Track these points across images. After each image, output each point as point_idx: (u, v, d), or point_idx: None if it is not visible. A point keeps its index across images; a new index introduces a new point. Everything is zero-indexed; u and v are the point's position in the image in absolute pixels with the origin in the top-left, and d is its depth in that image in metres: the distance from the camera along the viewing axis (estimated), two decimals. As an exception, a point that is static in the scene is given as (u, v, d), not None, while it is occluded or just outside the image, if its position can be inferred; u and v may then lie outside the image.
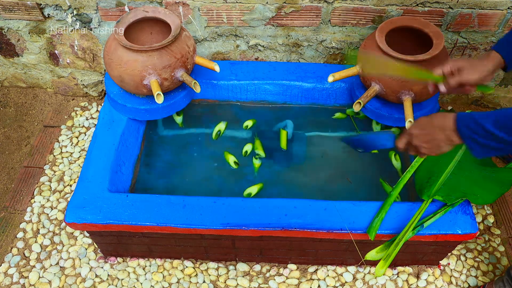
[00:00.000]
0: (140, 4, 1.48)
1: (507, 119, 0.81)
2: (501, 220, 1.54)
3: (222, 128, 1.53)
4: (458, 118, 0.89)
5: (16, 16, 1.56)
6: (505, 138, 0.82)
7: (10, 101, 1.89)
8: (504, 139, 0.82)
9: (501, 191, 1.21)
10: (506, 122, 0.81)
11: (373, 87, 1.33)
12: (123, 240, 1.31)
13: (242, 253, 1.38)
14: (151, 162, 1.47)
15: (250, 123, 1.55)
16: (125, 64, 1.27)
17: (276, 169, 1.45)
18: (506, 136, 0.81)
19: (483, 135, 0.84)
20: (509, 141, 0.82)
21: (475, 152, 0.88)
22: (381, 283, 1.39)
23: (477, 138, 0.85)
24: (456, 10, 1.43)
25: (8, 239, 1.48)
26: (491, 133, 0.83)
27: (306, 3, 1.45)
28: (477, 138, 0.85)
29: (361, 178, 1.43)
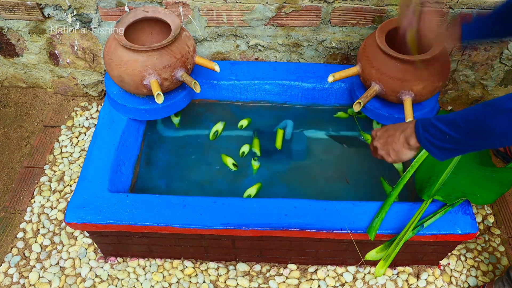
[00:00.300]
0: (140, 4, 1.48)
1: (459, 118, 0.82)
2: (501, 220, 1.54)
3: (220, 128, 1.53)
4: (418, 120, 0.90)
5: (16, 16, 1.56)
6: (453, 135, 0.82)
7: (10, 101, 1.89)
8: (454, 137, 0.82)
9: (501, 191, 1.21)
10: (457, 121, 0.82)
11: (373, 87, 1.33)
12: (123, 240, 1.31)
13: (242, 253, 1.38)
14: (151, 162, 1.47)
15: (245, 123, 1.55)
16: (125, 64, 1.27)
17: (276, 169, 1.45)
18: (454, 134, 0.82)
19: (435, 134, 0.85)
20: (458, 139, 0.82)
21: (433, 154, 0.88)
22: (381, 283, 1.39)
23: (430, 138, 0.86)
24: (456, 10, 1.43)
25: (8, 239, 1.48)
26: (442, 132, 0.84)
27: (306, 3, 1.45)
28: (430, 138, 0.86)
29: (361, 178, 1.43)
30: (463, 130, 0.81)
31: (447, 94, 1.78)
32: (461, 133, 0.82)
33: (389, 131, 0.97)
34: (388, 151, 0.96)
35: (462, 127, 0.81)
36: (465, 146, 0.83)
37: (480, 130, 0.80)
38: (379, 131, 1.00)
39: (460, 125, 0.81)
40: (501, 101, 0.77)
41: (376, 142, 0.99)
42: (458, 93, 1.78)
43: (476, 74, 1.68)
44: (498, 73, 1.66)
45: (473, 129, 0.80)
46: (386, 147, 0.97)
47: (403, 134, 0.92)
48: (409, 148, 0.93)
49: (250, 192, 1.37)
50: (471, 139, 0.82)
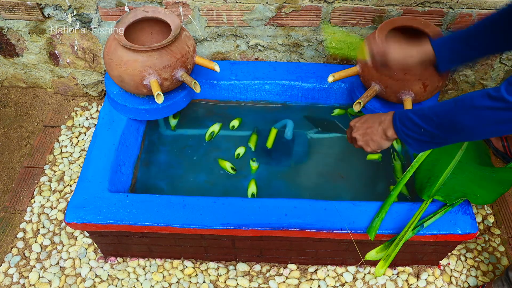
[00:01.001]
0: (140, 4, 1.48)
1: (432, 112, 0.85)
2: (501, 220, 1.54)
3: (216, 129, 1.53)
4: (395, 112, 0.93)
5: (16, 16, 1.56)
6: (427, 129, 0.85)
7: (10, 101, 1.89)
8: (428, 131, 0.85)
9: (501, 191, 1.21)
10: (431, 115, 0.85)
11: (373, 87, 1.33)
12: (123, 240, 1.31)
13: (242, 253, 1.38)
14: (151, 162, 1.47)
15: (237, 123, 1.55)
16: (125, 64, 1.27)
17: (276, 169, 1.45)
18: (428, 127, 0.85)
19: (410, 127, 0.88)
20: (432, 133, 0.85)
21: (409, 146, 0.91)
22: (381, 283, 1.39)
23: (406, 130, 0.89)
24: (456, 10, 1.44)
25: (8, 239, 1.48)
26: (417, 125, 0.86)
27: (306, 3, 1.45)
28: (406, 131, 0.89)
29: (361, 178, 1.43)
30: (436, 124, 0.84)
31: (447, 94, 1.78)
32: (434, 127, 0.84)
33: (368, 122, 0.99)
34: (367, 141, 0.99)
35: (435, 121, 0.84)
36: (439, 139, 0.86)
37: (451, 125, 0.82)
38: (357, 122, 1.02)
39: (433, 119, 0.84)
40: (470, 97, 0.79)
41: (355, 133, 1.01)
42: (458, 93, 1.78)
43: (476, 74, 1.68)
44: (498, 73, 1.66)
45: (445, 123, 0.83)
46: (365, 138, 0.99)
47: (381, 126, 0.95)
48: (387, 139, 0.96)
49: (252, 190, 1.37)
50: (444, 133, 0.84)
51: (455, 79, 1.71)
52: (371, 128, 0.98)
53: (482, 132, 0.81)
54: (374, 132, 0.97)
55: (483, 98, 0.77)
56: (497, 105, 0.75)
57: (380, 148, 1.00)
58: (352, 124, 1.03)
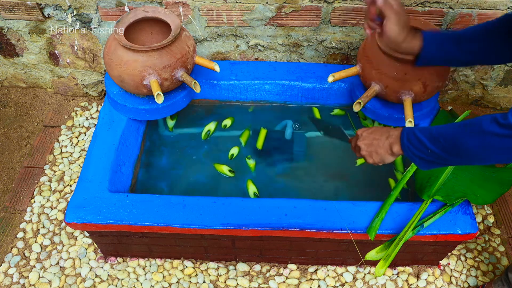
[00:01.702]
0: (140, 4, 1.48)
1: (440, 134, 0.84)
2: (501, 220, 1.54)
3: (212, 128, 1.53)
4: (403, 129, 0.92)
5: (16, 16, 1.56)
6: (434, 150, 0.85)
7: (10, 101, 1.89)
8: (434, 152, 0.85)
9: (501, 191, 1.21)
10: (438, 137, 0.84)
11: (373, 87, 1.33)
12: (123, 240, 1.31)
13: (242, 253, 1.38)
14: (151, 162, 1.47)
15: (229, 122, 1.54)
16: (125, 64, 1.27)
17: (276, 169, 1.45)
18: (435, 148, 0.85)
19: (417, 146, 0.88)
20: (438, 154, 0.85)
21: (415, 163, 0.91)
22: (381, 283, 1.38)
23: (413, 149, 0.89)
24: (456, 10, 1.44)
25: (8, 239, 1.48)
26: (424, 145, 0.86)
27: (306, 3, 1.45)
28: (412, 149, 0.89)
29: (361, 178, 1.43)
30: (443, 147, 0.84)
31: (447, 94, 1.78)
32: (441, 149, 0.84)
33: (375, 134, 0.99)
34: (371, 153, 0.98)
35: (442, 143, 0.84)
36: (445, 161, 0.86)
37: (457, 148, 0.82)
38: (364, 131, 1.01)
39: (440, 141, 0.84)
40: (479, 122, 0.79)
41: (360, 142, 1.01)
42: (458, 93, 1.78)
43: (476, 74, 1.68)
44: (498, 73, 1.66)
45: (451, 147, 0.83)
46: (369, 149, 0.99)
47: (388, 141, 0.95)
48: (391, 154, 0.95)
49: (253, 190, 1.37)
50: (450, 156, 0.84)
51: (455, 79, 1.71)
52: (377, 140, 0.97)
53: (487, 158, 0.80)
54: (380, 145, 0.96)
55: (491, 124, 0.76)
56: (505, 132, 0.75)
57: (382, 161, 0.98)
58: (359, 133, 1.02)
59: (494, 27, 0.96)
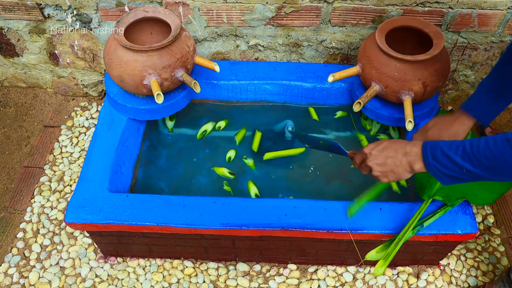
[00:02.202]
0: (140, 4, 1.48)
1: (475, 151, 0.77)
2: (501, 220, 1.54)
3: (209, 128, 1.53)
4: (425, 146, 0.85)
5: (16, 16, 1.56)
6: (471, 170, 0.78)
7: (10, 101, 1.89)
8: (471, 172, 0.78)
9: (501, 191, 1.21)
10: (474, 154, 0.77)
11: (373, 87, 1.33)
12: (123, 240, 1.31)
13: (242, 253, 1.38)
14: (151, 162, 1.47)
15: (223, 124, 1.54)
16: (125, 64, 1.27)
17: (276, 169, 1.44)
18: (472, 168, 0.78)
19: (447, 166, 0.80)
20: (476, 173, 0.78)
21: (442, 181, 0.84)
22: (381, 283, 1.39)
23: (441, 168, 0.81)
24: (456, 10, 1.44)
25: (8, 239, 1.48)
26: (456, 164, 0.79)
27: (306, 3, 1.45)
28: (441, 168, 0.82)
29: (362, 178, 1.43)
30: (485, 167, 0.77)
31: (447, 94, 1.79)
32: (482, 169, 0.77)
33: (388, 151, 0.90)
34: (387, 173, 0.91)
35: (483, 163, 0.76)
36: (481, 179, 0.79)
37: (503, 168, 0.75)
38: (373, 149, 0.93)
39: (481, 160, 0.76)
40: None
41: (371, 162, 0.92)
42: (458, 93, 1.78)
43: (476, 74, 1.68)
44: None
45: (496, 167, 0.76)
46: (383, 169, 0.91)
47: (406, 158, 0.87)
48: (411, 172, 0.88)
49: (254, 191, 1.37)
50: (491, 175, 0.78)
51: (455, 79, 1.71)
52: (392, 158, 0.88)
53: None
54: (397, 163, 0.88)
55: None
56: None
57: (399, 179, 0.91)
58: (367, 152, 0.93)
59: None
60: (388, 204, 1.21)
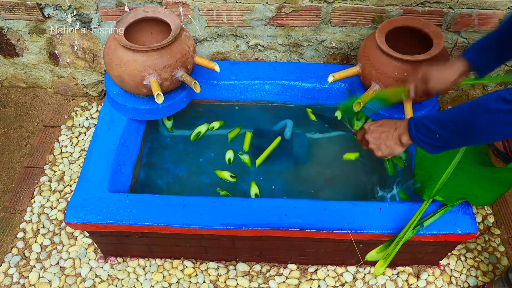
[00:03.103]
0: (140, 4, 1.48)
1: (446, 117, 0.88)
2: (501, 220, 1.54)
3: (203, 130, 1.53)
4: (410, 119, 0.96)
5: (16, 16, 1.56)
6: (442, 134, 0.88)
7: (10, 101, 1.89)
8: (443, 136, 0.88)
9: (501, 191, 1.21)
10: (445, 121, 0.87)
11: (373, 87, 1.33)
12: (123, 240, 1.31)
13: (242, 253, 1.38)
14: (151, 162, 1.47)
15: (217, 125, 1.54)
16: (125, 64, 1.27)
17: (275, 170, 1.45)
18: (443, 132, 0.88)
19: (426, 134, 0.91)
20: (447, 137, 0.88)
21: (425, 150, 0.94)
22: (381, 283, 1.38)
23: (422, 137, 0.92)
24: (456, 10, 1.44)
25: (8, 239, 1.48)
26: (432, 131, 0.89)
27: (306, 3, 1.45)
28: (421, 137, 0.92)
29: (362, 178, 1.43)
30: (451, 129, 0.86)
31: (447, 94, 1.79)
32: (450, 131, 0.87)
33: (383, 126, 1.01)
34: (380, 146, 1.01)
35: (450, 127, 0.86)
36: (454, 143, 0.89)
37: (466, 128, 0.84)
38: (372, 125, 1.04)
39: (448, 124, 0.87)
40: (484, 101, 0.81)
41: (368, 136, 1.03)
42: (458, 93, 1.78)
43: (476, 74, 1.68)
44: (498, 73, 1.66)
45: (459, 128, 0.85)
46: (378, 142, 1.01)
47: (397, 132, 0.97)
48: (400, 145, 0.98)
49: (254, 191, 1.37)
50: (459, 138, 0.87)
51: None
52: (386, 132, 1.00)
53: (495, 135, 0.82)
54: (389, 137, 0.99)
55: (497, 101, 0.78)
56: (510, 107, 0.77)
57: (391, 154, 1.01)
58: (367, 127, 1.04)
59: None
60: (388, 204, 1.21)
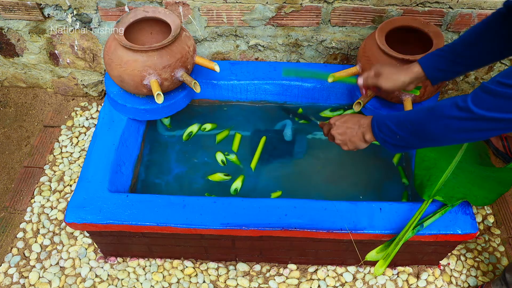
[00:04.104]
0: (140, 4, 1.48)
1: (406, 119, 0.90)
2: (501, 220, 1.54)
3: (195, 130, 1.53)
4: (373, 117, 0.98)
5: (16, 16, 1.56)
6: (402, 135, 0.90)
7: (10, 101, 1.89)
8: (402, 137, 0.91)
9: (501, 191, 1.21)
10: (404, 123, 0.90)
11: (373, 87, 1.33)
12: (123, 240, 1.31)
13: (242, 253, 1.38)
14: (151, 162, 1.47)
15: (209, 126, 1.54)
16: (125, 64, 1.27)
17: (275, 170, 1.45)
18: (402, 133, 0.90)
19: (387, 133, 0.94)
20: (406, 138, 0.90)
21: (387, 149, 0.97)
22: (381, 283, 1.38)
23: (383, 136, 0.95)
24: (456, 10, 1.44)
25: (8, 239, 1.48)
26: (392, 131, 0.92)
27: (306, 3, 1.45)
28: (383, 137, 0.95)
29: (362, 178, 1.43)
30: (409, 131, 0.89)
31: (447, 94, 1.79)
32: (409, 133, 0.89)
33: (348, 122, 1.04)
34: (345, 141, 1.05)
35: (409, 128, 0.89)
36: (415, 144, 0.91)
37: (422, 132, 0.87)
38: (337, 120, 1.07)
39: (408, 126, 0.89)
40: (441, 107, 0.83)
41: (334, 131, 1.07)
42: (458, 93, 1.78)
43: (476, 74, 1.68)
44: (497, 73, 1.65)
45: (417, 131, 0.88)
46: (343, 137, 1.05)
47: (361, 129, 1.01)
48: (364, 142, 1.02)
49: (236, 186, 1.38)
50: (417, 140, 0.89)
51: (455, 79, 1.71)
52: (350, 129, 1.03)
53: (450, 140, 0.85)
54: (354, 134, 1.02)
55: (452, 108, 0.81)
56: (463, 115, 0.80)
57: (356, 148, 1.05)
58: (332, 122, 1.08)
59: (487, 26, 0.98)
60: (388, 204, 1.21)
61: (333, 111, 1.56)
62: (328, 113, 1.57)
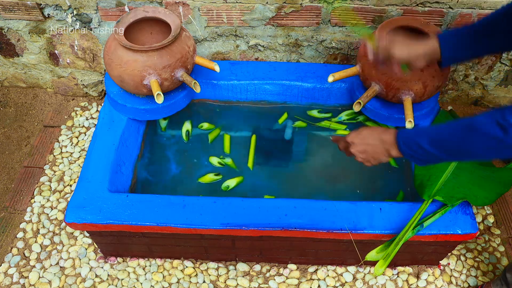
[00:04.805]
0: (140, 4, 1.48)
1: (440, 138, 0.86)
2: (501, 220, 1.54)
3: (189, 127, 1.53)
4: (398, 134, 0.94)
5: (16, 16, 1.56)
6: (436, 154, 0.87)
7: (10, 101, 1.89)
8: (436, 156, 0.87)
9: (501, 191, 1.21)
10: (439, 141, 0.86)
11: (373, 87, 1.33)
12: (123, 240, 1.31)
13: (242, 253, 1.38)
14: (151, 162, 1.47)
15: (206, 126, 1.54)
16: (125, 64, 1.27)
17: (275, 170, 1.45)
18: (436, 152, 0.86)
19: (416, 151, 0.89)
20: (440, 157, 0.87)
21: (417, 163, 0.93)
22: (381, 283, 1.38)
23: (412, 153, 0.90)
24: (456, 10, 1.44)
25: (8, 239, 1.48)
26: (424, 150, 0.88)
27: (306, 3, 1.45)
28: (412, 154, 0.91)
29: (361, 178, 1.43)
30: (444, 150, 0.86)
31: (447, 94, 1.79)
32: (443, 151, 0.86)
33: (367, 139, 1.00)
34: (368, 158, 1.01)
35: (444, 147, 0.86)
36: (442, 159, 0.88)
37: (460, 151, 0.84)
38: (355, 138, 1.02)
39: (442, 144, 0.86)
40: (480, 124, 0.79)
41: (353, 149, 1.02)
42: (458, 93, 1.78)
43: (476, 74, 1.68)
44: (498, 73, 1.66)
45: (454, 149, 0.85)
46: (365, 156, 1.00)
47: (384, 146, 0.96)
48: (389, 157, 0.98)
49: (229, 183, 1.38)
50: (451, 156, 0.87)
51: (455, 79, 1.71)
52: (372, 146, 0.99)
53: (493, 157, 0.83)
54: (377, 151, 0.98)
55: (493, 127, 0.77)
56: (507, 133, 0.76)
57: (379, 163, 1.01)
58: (350, 141, 1.03)
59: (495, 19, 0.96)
60: (388, 204, 1.21)
61: (321, 113, 1.55)
62: (315, 113, 1.56)
